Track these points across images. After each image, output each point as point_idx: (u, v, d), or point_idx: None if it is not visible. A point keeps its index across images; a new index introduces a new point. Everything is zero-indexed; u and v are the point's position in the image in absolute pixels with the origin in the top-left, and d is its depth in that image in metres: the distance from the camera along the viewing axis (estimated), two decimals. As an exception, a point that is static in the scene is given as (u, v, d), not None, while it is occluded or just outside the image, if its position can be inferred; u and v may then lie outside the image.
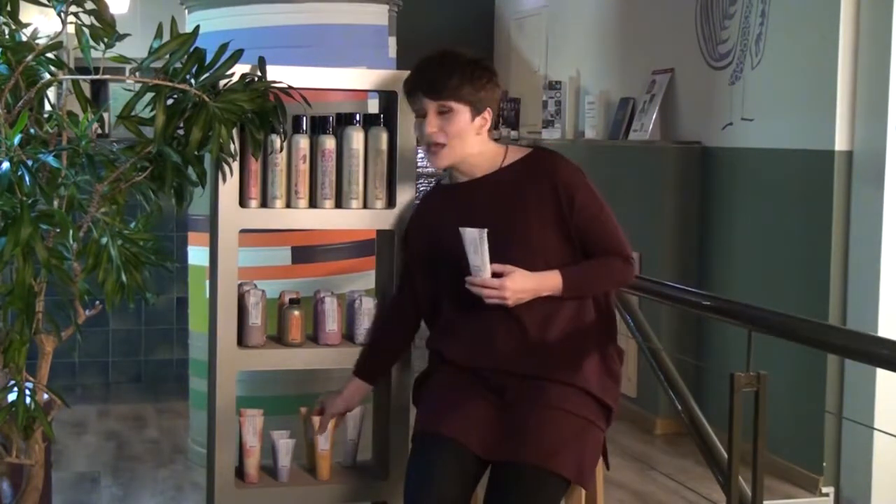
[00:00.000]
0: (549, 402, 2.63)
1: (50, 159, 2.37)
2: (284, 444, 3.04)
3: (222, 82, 2.66)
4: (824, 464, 4.54)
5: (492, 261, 2.61)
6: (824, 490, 4.55)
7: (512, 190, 2.73)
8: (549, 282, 2.66)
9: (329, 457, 3.06)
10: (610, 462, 2.84)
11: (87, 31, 2.53)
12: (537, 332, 2.68)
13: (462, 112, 2.70)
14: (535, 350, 2.68)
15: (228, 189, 2.91)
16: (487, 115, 2.74)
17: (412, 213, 2.97)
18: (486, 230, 2.59)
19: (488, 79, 2.73)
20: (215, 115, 2.57)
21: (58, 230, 2.42)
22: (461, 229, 2.61)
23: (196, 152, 2.62)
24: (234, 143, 2.74)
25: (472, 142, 2.73)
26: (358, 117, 3.01)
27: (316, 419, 3.00)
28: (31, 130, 2.53)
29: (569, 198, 2.69)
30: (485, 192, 2.76)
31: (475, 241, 2.60)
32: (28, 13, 2.60)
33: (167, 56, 2.55)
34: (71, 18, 2.51)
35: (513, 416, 2.63)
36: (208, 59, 2.60)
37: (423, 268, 2.86)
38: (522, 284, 2.62)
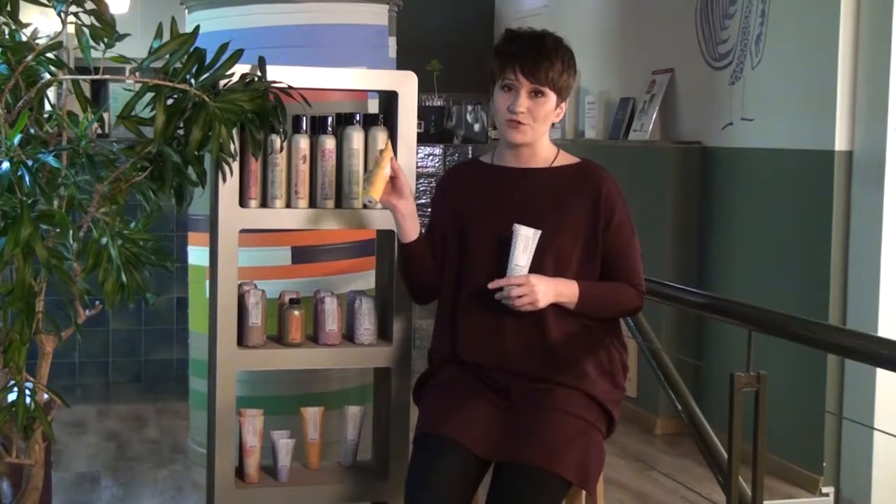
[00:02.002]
0: (553, 405, 2.63)
1: (50, 159, 2.37)
2: (284, 444, 3.04)
3: (222, 82, 2.66)
4: (824, 464, 4.54)
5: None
6: (824, 490, 4.54)
7: (555, 193, 2.73)
8: (567, 289, 2.66)
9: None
10: (609, 462, 2.84)
11: (87, 31, 2.53)
12: (549, 335, 2.68)
13: (551, 98, 2.70)
14: (544, 352, 2.68)
15: (228, 189, 2.91)
16: (564, 105, 2.75)
17: (443, 179, 2.93)
18: (539, 232, 2.60)
19: (575, 71, 2.75)
20: (215, 115, 2.57)
21: (58, 230, 2.42)
22: (515, 226, 2.61)
23: (196, 152, 2.62)
24: (234, 143, 2.74)
25: (547, 127, 2.74)
26: (358, 117, 3.01)
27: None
28: (31, 130, 2.54)
29: (608, 213, 2.71)
30: (528, 185, 2.75)
31: (528, 240, 2.60)
32: (28, 13, 2.60)
33: (167, 56, 2.55)
34: (71, 18, 2.51)
35: (515, 416, 2.63)
36: (208, 59, 2.60)
37: (447, 237, 2.81)
38: (545, 285, 2.62)
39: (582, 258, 2.71)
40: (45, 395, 2.67)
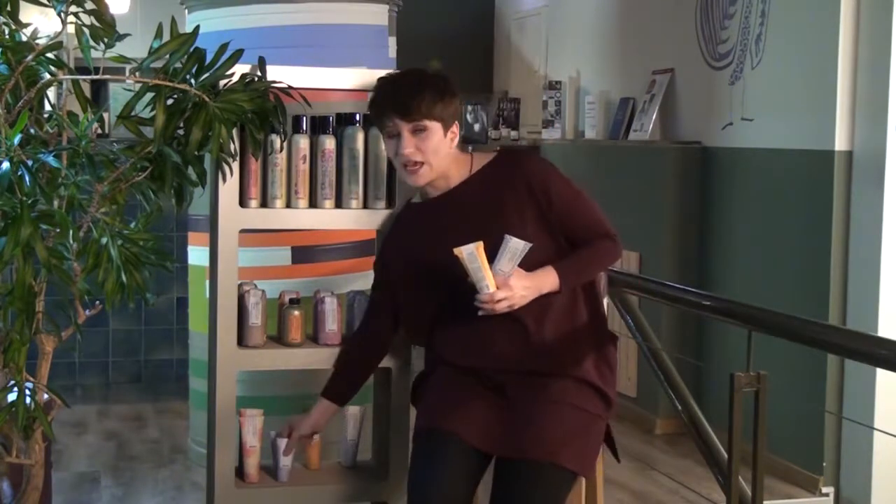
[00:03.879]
0: (552, 397, 2.64)
1: (50, 159, 2.38)
2: (284, 444, 3.04)
3: (222, 82, 2.66)
4: (824, 464, 4.54)
5: None
6: (824, 490, 4.55)
7: (486, 196, 2.73)
8: (547, 279, 2.66)
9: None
10: (610, 462, 2.84)
11: (87, 31, 2.53)
12: (534, 329, 2.68)
13: (436, 129, 2.70)
14: (533, 347, 2.68)
15: (228, 189, 2.91)
16: (455, 128, 2.75)
17: (387, 234, 2.95)
18: (531, 244, 2.58)
19: (453, 94, 2.74)
20: (215, 115, 2.57)
21: (58, 230, 2.43)
22: (507, 237, 2.59)
23: (196, 152, 2.62)
24: (234, 143, 2.74)
25: (445, 156, 2.74)
26: (358, 117, 3.01)
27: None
28: (31, 130, 2.54)
29: (544, 192, 2.70)
30: (458, 203, 2.76)
31: (517, 251, 2.59)
32: (28, 13, 2.60)
33: (167, 56, 2.55)
34: (71, 18, 2.52)
35: (515, 411, 2.64)
36: (208, 59, 2.60)
37: (405, 284, 2.82)
38: (524, 282, 2.62)
39: (545, 240, 2.69)
40: (45, 395, 2.67)
